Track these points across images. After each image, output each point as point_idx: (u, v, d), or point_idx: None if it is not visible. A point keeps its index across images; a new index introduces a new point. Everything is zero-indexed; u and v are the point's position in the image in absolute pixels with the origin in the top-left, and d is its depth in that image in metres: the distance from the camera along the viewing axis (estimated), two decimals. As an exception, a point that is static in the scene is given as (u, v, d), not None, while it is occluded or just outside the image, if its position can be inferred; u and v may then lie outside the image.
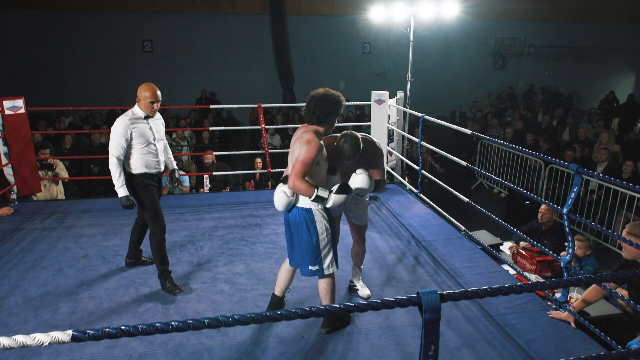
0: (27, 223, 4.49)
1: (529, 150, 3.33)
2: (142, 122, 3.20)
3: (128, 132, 3.15)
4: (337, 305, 1.06)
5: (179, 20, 12.45)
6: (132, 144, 3.17)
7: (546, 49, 14.51)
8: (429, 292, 1.07)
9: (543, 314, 3.02)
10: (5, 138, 4.79)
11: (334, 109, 2.61)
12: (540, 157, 3.18)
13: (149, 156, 3.23)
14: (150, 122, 3.25)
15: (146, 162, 3.22)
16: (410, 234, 4.29)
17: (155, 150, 3.28)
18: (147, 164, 3.23)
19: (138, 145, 3.18)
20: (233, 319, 0.99)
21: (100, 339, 0.94)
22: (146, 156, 3.22)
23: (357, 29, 12.63)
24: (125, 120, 3.16)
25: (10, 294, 3.23)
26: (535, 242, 3.32)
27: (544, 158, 3.08)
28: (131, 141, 3.17)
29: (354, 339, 2.77)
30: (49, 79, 11.92)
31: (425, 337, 1.10)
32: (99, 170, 7.55)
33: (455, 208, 4.65)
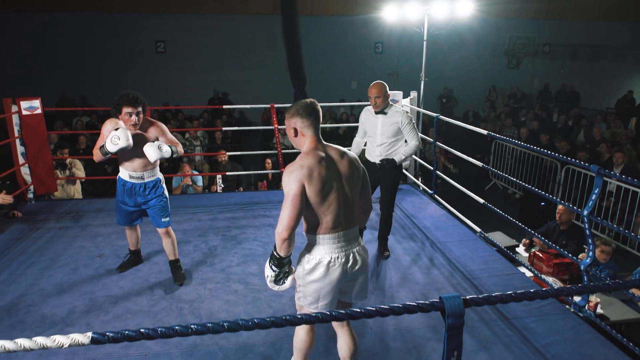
0: (43, 222, 4.54)
1: (547, 151, 3.27)
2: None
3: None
4: (357, 309, 1.05)
5: (192, 21, 12.52)
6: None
7: (561, 47, 14.29)
8: (452, 296, 1.04)
9: (562, 318, 2.96)
10: (23, 138, 4.85)
11: (114, 104, 2.99)
12: (559, 158, 3.12)
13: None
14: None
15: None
16: (424, 235, 4.25)
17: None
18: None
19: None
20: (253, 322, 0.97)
21: (119, 341, 0.94)
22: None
23: (369, 28, 12.57)
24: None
25: (27, 292, 3.27)
26: (552, 244, 3.26)
27: (563, 159, 3.02)
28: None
29: (367, 340, 2.75)
30: (64, 79, 12.07)
31: (448, 343, 1.08)
32: (113, 170, 7.63)
33: (468, 209, 4.59)
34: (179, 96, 12.14)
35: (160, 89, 12.40)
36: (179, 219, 4.64)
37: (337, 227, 2.01)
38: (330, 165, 2.01)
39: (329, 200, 1.98)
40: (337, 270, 2.01)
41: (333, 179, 2.00)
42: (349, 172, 2.05)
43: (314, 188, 1.94)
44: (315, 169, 1.95)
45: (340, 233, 2.02)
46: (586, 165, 2.71)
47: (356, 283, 2.12)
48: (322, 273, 2.01)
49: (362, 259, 2.09)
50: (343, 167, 2.05)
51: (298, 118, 2.04)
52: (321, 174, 1.95)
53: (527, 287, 3.38)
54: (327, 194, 1.97)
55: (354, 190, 2.08)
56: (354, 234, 2.08)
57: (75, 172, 5.66)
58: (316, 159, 1.98)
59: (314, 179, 1.94)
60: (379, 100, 3.51)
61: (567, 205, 2.91)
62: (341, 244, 2.02)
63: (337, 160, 2.05)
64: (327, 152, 2.05)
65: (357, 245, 2.10)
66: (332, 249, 2.01)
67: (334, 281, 2.02)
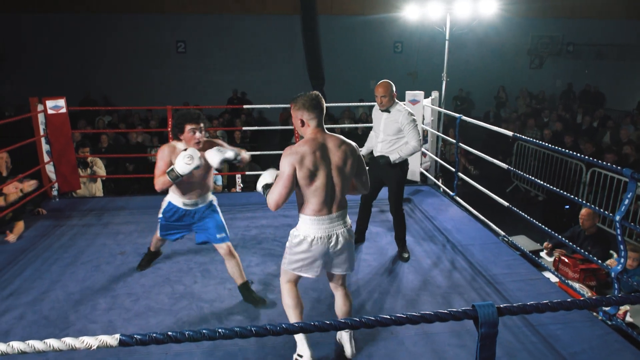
0: (67, 219, 4.62)
1: (574, 153, 3.18)
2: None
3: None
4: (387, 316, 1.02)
5: (212, 21, 12.62)
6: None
7: (586, 47, 13.94)
8: (486, 305, 1.00)
9: (589, 325, 2.87)
10: (48, 137, 4.94)
11: (174, 125, 2.83)
12: (586, 160, 3.02)
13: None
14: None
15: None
16: (445, 237, 4.18)
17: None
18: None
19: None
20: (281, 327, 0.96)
21: (147, 344, 0.93)
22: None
23: (389, 28, 12.48)
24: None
25: (51, 288, 3.32)
26: (579, 249, 3.17)
27: (590, 161, 2.93)
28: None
29: (389, 344, 2.71)
30: (87, 79, 12.30)
31: (481, 352, 1.04)
32: (134, 169, 7.74)
33: (489, 211, 4.50)
34: (198, 96, 12.25)
35: (180, 88, 12.54)
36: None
37: (322, 210, 2.28)
38: (324, 155, 2.25)
39: (316, 185, 2.24)
40: (320, 247, 2.30)
41: (324, 167, 2.24)
42: (342, 162, 2.29)
43: (302, 173, 2.20)
44: (308, 156, 2.20)
45: (325, 216, 2.29)
46: (617, 168, 2.61)
47: (340, 258, 2.40)
48: (305, 248, 2.32)
49: (344, 239, 2.35)
50: (337, 157, 2.28)
51: (305, 111, 2.28)
52: (312, 161, 2.21)
53: (552, 292, 3.29)
54: (314, 180, 2.23)
55: (345, 178, 2.32)
56: (339, 217, 2.34)
57: (97, 171, 5.75)
58: (311, 148, 2.23)
59: (304, 165, 2.20)
60: (384, 99, 3.59)
61: (596, 210, 2.81)
62: (325, 226, 2.30)
63: (332, 150, 2.28)
64: (325, 142, 2.29)
65: (342, 227, 2.35)
66: (316, 229, 2.29)
67: (316, 256, 2.32)
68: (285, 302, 2.52)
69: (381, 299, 3.21)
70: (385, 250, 3.94)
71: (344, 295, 2.56)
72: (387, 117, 3.64)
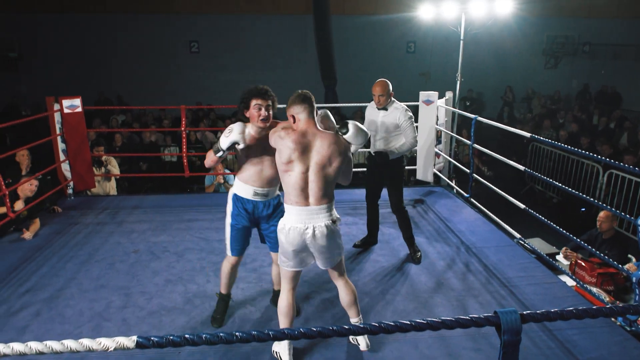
0: (82, 217, 4.67)
1: (592, 154, 3.11)
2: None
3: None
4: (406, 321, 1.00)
5: (225, 21, 12.67)
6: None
7: (603, 47, 13.70)
8: (509, 311, 0.98)
9: (608, 331, 2.81)
10: (64, 135, 5.00)
11: (240, 101, 2.60)
12: (605, 161, 2.96)
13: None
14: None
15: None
16: (459, 239, 4.14)
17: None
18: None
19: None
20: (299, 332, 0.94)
21: (163, 346, 0.92)
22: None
23: (402, 28, 12.40)
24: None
25: (66, 285, 3.36)
26: (598, 253, 3.10)
27: (609, 163, 2.86)
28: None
29: (402, 347, 2.68)
30: (102, 78, 12.44)
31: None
32: (147, 168, 7.81)
33: (503, 213, 4.44)
34: (211, 95, 12.31)
35: (194, 88, 12.61)
36: (211, 217, 4.68)
37: (299, 201, 2.32)
38: (305, 149, 2.32)
39: (290, 175, 2.31)
40: (295, 237, 2.32)
41: (301, 161, 2.31)
42: (326, 160, 2.33)
43: (278, 156, 2.35)
44: (285, 142, 2.32)
45: (303, 207, 2.32)
46: (637, 170, 2.55)
47: (320, 251, 2.39)
48: (284, 237, 2.37)
49: (321, 233, 2.33)
50: (321, 155, 2.32)
51: (294, 106, 2.37)
52: (288, 151, 2.30)
53: (569, 297, 3.23)
54: (288, 170, 2.32)
55: (327, 175, 2.34)
56: (321, 211, 2.34)
57: (111, 170, 5.80)
58: (293, 137, 2.32)
59: (280, 150, 2.33)
60: (382, 98, 3.63)
61: (615, 212, 2.75)
62: (302, 217, 2.31)
63: (317, 147, 2.33)
64: (314, 138, 2.35)
65: (323, 220, 2.34)
66: (293, 219, 2.33)
67: (293, 245, 2.35)
68: (280, 307, 2.52)
69: (394, 300, 3.18)
70: (398, 252, 3.91)
71: (345, 284, 2.57)
72: (385, 115, 3.67)
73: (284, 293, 2.53)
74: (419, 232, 4.29)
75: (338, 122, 2.56)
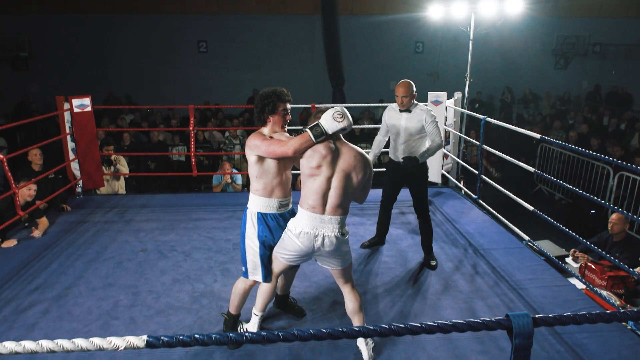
0: (90, 216, 4.70)
1: (602, 156, 3.08)
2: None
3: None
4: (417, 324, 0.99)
5: (233, 21, 12.70)
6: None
7: (614, 47, 13.55)
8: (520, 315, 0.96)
9: (618, 335, 2.77)
10: (73, 134, 5.04)
11: (263, 104, 2.44)
12: (615, 163, 2.92)
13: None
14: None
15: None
16: (467, 241, 4.11)
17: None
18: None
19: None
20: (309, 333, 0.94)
21: (173, 346, 0.92)
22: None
23: (410, 28, 12.36)
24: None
25: (75, 283, 3.38)
26: (608, 256, 3.07)
27: (620, 164, 2.83)
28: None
29: (409, 348, 2.67)
30: (111, 78, 12.52)
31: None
32: (155, 167, 7.85)
33: (511, 215, 4.41)
34: (219, 95, 12.35)
35: (202, 87, 12.66)
36: (218, 217, 4.70)
37: (315, 207, 2.33)
38: (334, 157, 2.34)
39: (316, 180, 2.32)
40: (305, 241, 2.35)
41: (329, 167, 2.32)
42: (351, 170, 2.34)
43: (307, 160, 2.33)
44: (318, 148, 2.31)
45: (317, 214, 2.33)
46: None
47: (327, 257, 2.43)
48: (294, 238, 2.38)
49: (330, 243, 2.36)
50: (348, 164, 2.34)
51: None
52: (320, 156, 2.30)
53: (579, 300, 3.19)
54: (316, 174, 2.32)
55: (349, 186, 2.35)
56: (333, 221, 2.36)
57: (120, 169, 5.84)
58: (327, 144, 2.34)
59: (312, 156, 2.31)
60: (405, 99, 3.50)
61: (630, 216, 2.72)
62: (315, 223, 2.33)
63: (344, 157, 2.35)
64: (341, 147, 2.38)
65: (333, 231, 2.36)
66: (305, 224, 2.34)
67: (300, 248, 2.38)
68: (260, 289, 2.63)
69: (402, 302, 3.17)
70: (405, 253, 3.90)
71: (350, 292, 2.55)
72: (409, 117, 3.55)
73: (271, 277, 2.60)
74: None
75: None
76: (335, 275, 2.54)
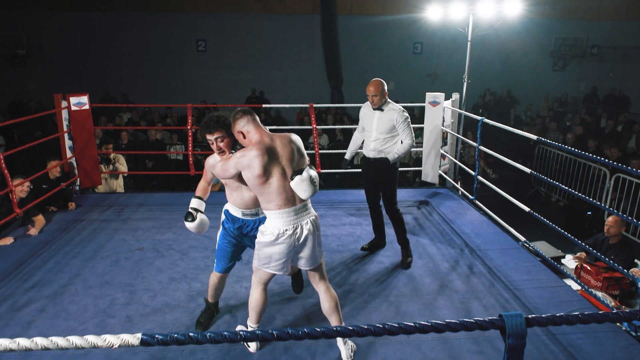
0: (87, 214, 4.70)
1: (600, 158, 3.09)
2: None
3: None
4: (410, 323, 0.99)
5: (232, 20, 12.69)
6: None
7: (611, 49, 13.59)
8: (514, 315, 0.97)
9: (613, 336, 2.79)
10: (71, 132, 5.03)
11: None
12: (612, 165, 2.94)
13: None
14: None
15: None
16: (463, 241, 4.12)
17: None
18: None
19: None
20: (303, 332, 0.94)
21: (168, 344, 0.93)
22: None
23: (409, 28, 12.36)
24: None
25: (71, 281, 3.38)
26: (604, 257, 3.08)
27: (616, 166, 2.84)
28: None
29: (405, 348, 2.67)
30: (108, 76, 12.50)
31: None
32: (153, 165, 7.84)
33: (508, 216, 4.42)
34: (217, 94, 12.34)
35: (200, 87, 12.64)
36: (215, 216, 4.68)
37: (285, 204, 2.31)
38: (273, 153, 2.30)
39: (272, 184, 2.29)
40: (286, 240, 2.33)
41: (275, 165, 2.29)
42: (292, 155, 2.34)
43: (250, 174, 2.27)
44: (255, 160, 2.25)
45: (290, 209, 2.32)
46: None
47: (304, 250, 2.41)
48: (272, 242, 2.34)
49: (307, 231, 2.36)
50: (287, 152, 2.33)
51: (237, 122, 2.34)
52: (261, 164, 2.25)
53: (574, 301, 3.21)
54: (268, 180, 2.28)
55: (296, 168, 2.34)
56: (303, 208, 2.37)
57: (119, 167, 5.83)
58: (259, 151, 2.26)
59: (251, 167, 2.26)
60: (376, 98, 3.56)
61: (626, 218, 2.73)
62: (290, 218, 2.32)
63: (280, 147, 2.33)
64: (272, 141, 2.34)
65: (307, 217, 2.37)
66: (282, 223, 2.32)
67: (282, 250, 2.35)
68: (251, 303, 2.59)
69: (397, 302, 3.18)
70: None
71: (326, 290, 2.53)
72: (380, 115, 3.60)
73: (256, 290, 2.56)
74: (423, 234, 4.28)
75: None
76: (311, 274, 2.51)
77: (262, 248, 2.40)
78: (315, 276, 2.52)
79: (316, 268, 2.50)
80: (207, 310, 2.92)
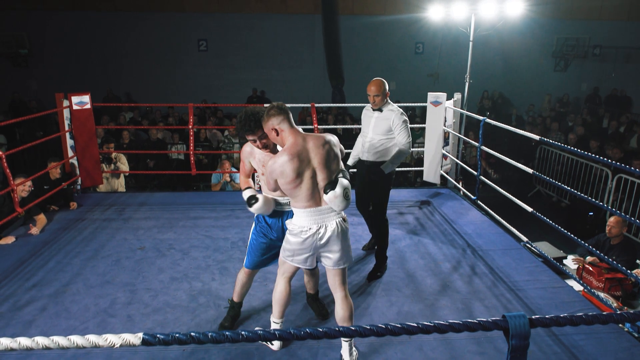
0: (89, 213, 4.70)
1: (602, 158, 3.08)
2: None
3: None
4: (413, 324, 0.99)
5: (233, 20, 12.69)
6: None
7: (613, 49, 13.56)
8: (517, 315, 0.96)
9: (615, 337, 2.78)
10: (73, 132, 5.03)
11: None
12: (614, 165, 2.93)
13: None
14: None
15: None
16: (465, 242, 4.11)
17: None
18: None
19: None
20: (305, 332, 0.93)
21: (170, 344, 0.92)
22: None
23: (410, 28, 12.35)
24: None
25: (73, 281, 3.38)
26: (605, 257, 3.07)
27: (618, 167, 2.83)
28: None
29: (407, 349, 2.67)
30: (110, 76, 12.50)
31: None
32: (154, 165, 7.84)
33: (509, 216, 4.41)
34: (218, 94, 12.34)
35: (201, 86, 12.65)
36: (217, 215, 4.70)
37: (310, 204, 2.33)
38: (304, 157, 2.28)
39: (302, 188, 2.29)
40: (309, 238, 2.35)
41: (306, 168, 2.28)
42: (326, 157, 2.32)
43: (283, 179, 2.27)
44: (287, 165, 2.24)
45: (314, 209, 2.33)
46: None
47: (330, 249, 2.40)
48: (297, 239, 2.38)
49: (332, 231, 2.36)
50: (320, 155, 2.30)
51: (273, 118, 2.30)
52: (293, 169, 2.24)
53: (576, 301, 3.20)
54: (299, 184, 2.28)
55: (331, 172, 2.34)
56: (329, 210, 2.36)
57: (120, 167, 5.83)
58: (291, 154, 2.25)
59: (284, 173, 2.25)
60: (377, 98, 3.46)
61: (628, 218, 2.72)
62: (315, 218, 2.34)
63: (313, 149, 2.30)
64: (305, 142, 2.30)
65: (333, 218, 2.37)
66: (307, 221, 2.35)
67: (306, 246, 2.38)
68: (275, 295, 2.61)
69: (399, 302, 3.17)
70: (403, 253, 3.90)
71: (343, 297, 2.48)
72: (379, 116, 3.49)
73: (280, 282, 2.58)
74: (425, 234, 4.27)
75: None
76: (332, 275, 2.46)
77: (287, 241, 2.45)
78: (335, 279, 2.47)
79: (338, 272, 2.46)
80: (231, 310, 2.88)
